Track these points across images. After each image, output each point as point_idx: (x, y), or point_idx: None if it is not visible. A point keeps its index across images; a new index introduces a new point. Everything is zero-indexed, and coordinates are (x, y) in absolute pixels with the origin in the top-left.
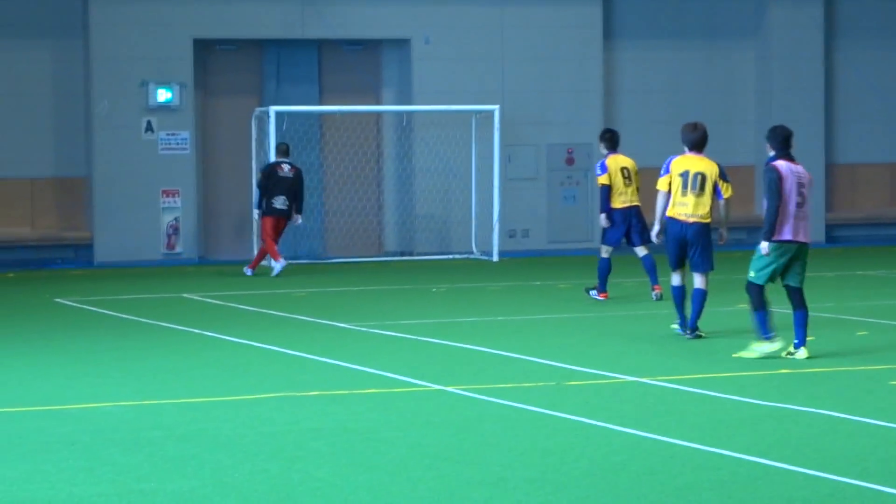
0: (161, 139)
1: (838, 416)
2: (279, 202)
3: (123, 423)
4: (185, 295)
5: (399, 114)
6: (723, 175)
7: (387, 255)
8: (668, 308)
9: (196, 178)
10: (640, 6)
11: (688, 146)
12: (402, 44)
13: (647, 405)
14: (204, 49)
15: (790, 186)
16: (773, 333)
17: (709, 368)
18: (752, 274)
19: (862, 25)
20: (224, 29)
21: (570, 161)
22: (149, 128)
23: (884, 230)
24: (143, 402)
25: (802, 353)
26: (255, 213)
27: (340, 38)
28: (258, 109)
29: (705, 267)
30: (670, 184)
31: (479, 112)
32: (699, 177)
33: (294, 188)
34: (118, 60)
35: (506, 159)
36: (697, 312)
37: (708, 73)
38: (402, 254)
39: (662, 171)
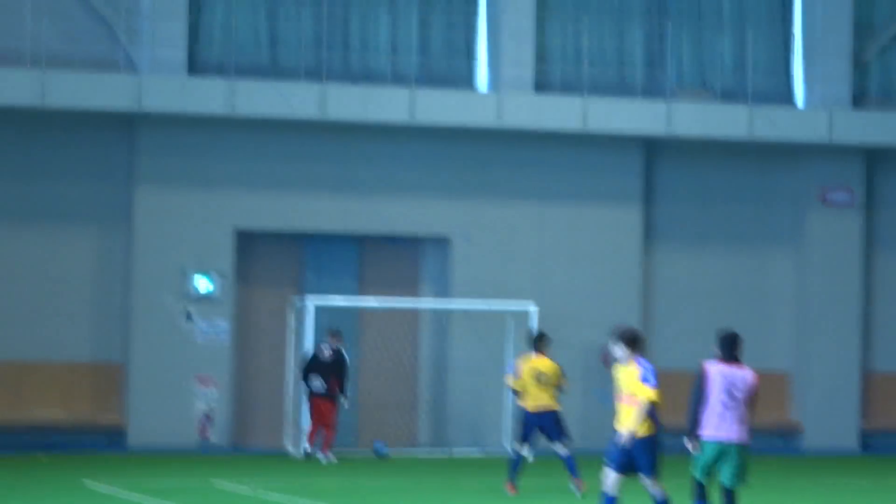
0: (199, 328)
1: None
2: (315, 385)
3: None
4: (215, 481)
5: (437, 309)
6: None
7: (419, 446)
8: None
9: (232, 367)
10: (678, 210)
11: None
12: (441, 241)
13: None
14: (245, 239)
15: (718, 387)
16: None
17: None
18: (693, 469)
19: None
20: (266, 220)
21: (607, 363)
22: (188, 316)
23: None
24: None
25: None
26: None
27: (381, 233)
28: (297, 300)
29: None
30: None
31: (516, 311)
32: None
33: (333, 370)
34: (160, 248)
35: None
36: None
37: (746, 279)
38: (434, 447)
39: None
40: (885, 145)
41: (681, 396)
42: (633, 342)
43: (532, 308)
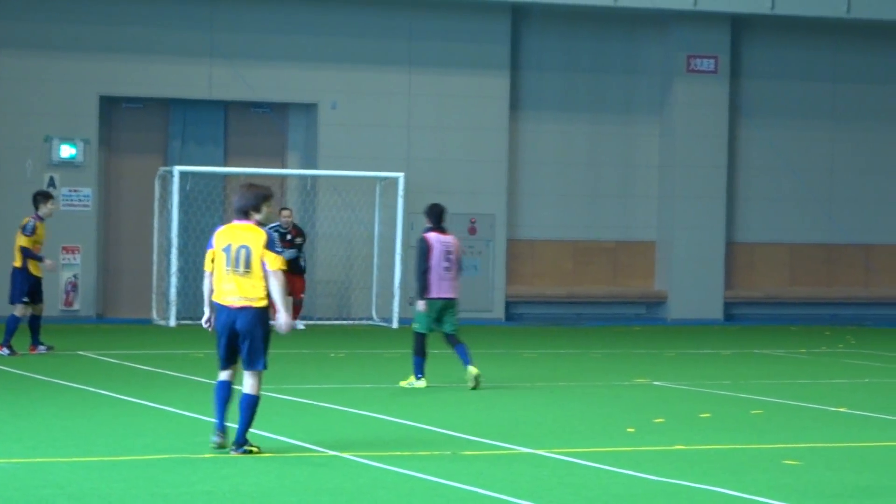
0: (63, 195)
1: (731, 494)
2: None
3: (14, 481)
4: (81, 352)
5: (304, 177)
6: (269, 245)
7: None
8: (568, 380)
9: (97, 236)
10: (546, 79)
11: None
12: (309, 108)
13: (541, 477)
14: (110, 106)
15: (438, 254)
16: (422, 376)
17: (604, 442)
18: (416, 325)
19: (765, 105)
20: (131, 87)
21: (472, 230)
22: (51, 183)
23: (782, 309)
24: (34, 460)
25: (473, 370)
26: None
27: (247, 99)
28: (162, 169)
29: (254, 364)
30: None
31: (384, 178)
32: (242, 250)
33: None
34: (23, 115)
35: (409, 226)
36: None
37: (612, 148)
38: (303, 318)
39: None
40: (749, 13)
41: (543, 264)
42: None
43: (400, 175)
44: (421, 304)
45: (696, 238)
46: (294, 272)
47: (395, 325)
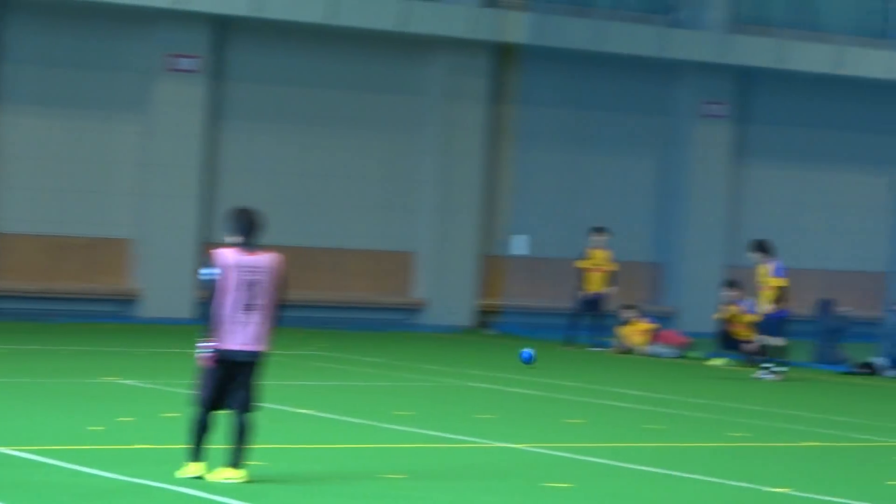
0: None
1: (194, 494)
2: None
3: None
4: None
5: None
6: None
7: None
8: (36, 377)
9: None
10: (25, 73)
11: None
12: None
13: (4, 476)
14: None
15: None
16: None
17: (70, 440)
18: None
19: (246, 107)
20: None
21: None
22: None
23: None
24: None
25: None
26: None
27: None
28: None
29: None
30: None
31: None
32: None
33: None
34: None
35: None
36: None
37: (91, 144)
38: None
39: None
40: (232, 14)
41: (15, 259)
42: None
43: None
44: None
45: (171, 237)
46: None
47: None
